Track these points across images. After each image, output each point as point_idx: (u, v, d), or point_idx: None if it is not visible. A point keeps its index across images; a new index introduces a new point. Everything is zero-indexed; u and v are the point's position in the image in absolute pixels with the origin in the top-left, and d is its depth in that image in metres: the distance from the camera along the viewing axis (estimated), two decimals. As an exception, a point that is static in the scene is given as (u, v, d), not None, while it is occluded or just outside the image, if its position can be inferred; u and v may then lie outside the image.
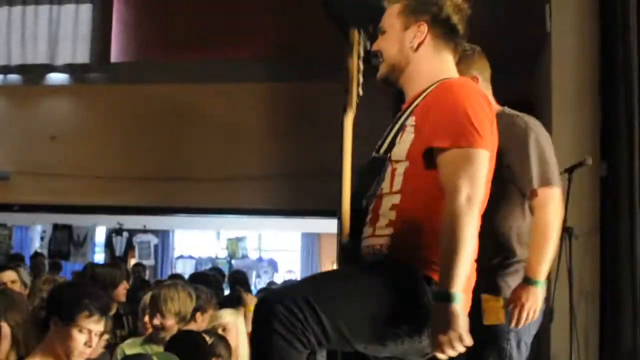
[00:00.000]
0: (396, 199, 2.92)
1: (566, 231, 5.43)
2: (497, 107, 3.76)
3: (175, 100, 10.85)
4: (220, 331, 5.41)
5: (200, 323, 5.57)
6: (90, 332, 3.93)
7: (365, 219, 3.02)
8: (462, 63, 3.41)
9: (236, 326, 5.58)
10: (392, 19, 3.15)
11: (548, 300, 4.17)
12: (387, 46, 3.14)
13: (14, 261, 12.04)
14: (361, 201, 3.04)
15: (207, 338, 4.79)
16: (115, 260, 16.10)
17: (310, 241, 17.94)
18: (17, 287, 6.42)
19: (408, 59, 3.10)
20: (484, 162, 2.87)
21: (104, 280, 7.13)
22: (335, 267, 3.43)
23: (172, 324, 5.31)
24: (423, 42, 3.07)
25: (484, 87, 3.90)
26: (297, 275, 17.48)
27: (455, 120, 2.83)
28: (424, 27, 3.07)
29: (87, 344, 3.95)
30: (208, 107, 10.77)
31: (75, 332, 3.89)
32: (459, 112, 2.83)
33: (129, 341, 5.69)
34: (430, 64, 3.09)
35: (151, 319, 5.42)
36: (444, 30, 3.09)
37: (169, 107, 10.84)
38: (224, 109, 10.74)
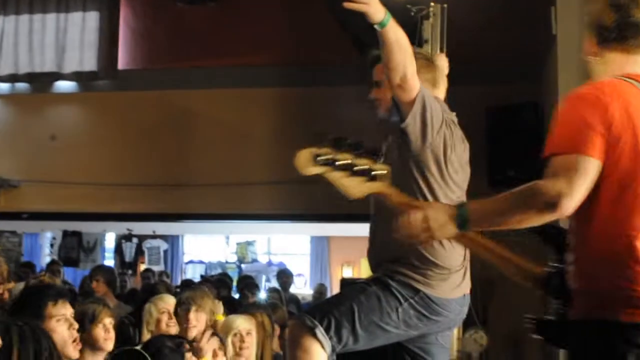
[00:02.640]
0: None
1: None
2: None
3: (183, 107, 10.87)
4: (238, 337, 5.47)
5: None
6: (66, 318, 3.99)
7: None
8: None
9: (252, 333, 5.63)
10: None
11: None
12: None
13: (24, 269, 12.08)
14: None
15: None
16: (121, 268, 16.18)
17: (320, 244, 17.93)
18: None
19: None
20: None
21: None
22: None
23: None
24: None
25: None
26: (307, 279, 17.51)
27: None
28: None
29: (73, 328, 4.00)
30: (216, 113, 10.79)
31: (54, 325, 3.94)
32: None
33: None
34: None
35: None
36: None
37: (177, 114, 10.86)
38: (231, 114, 10.77)
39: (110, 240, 17.53)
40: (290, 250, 18.45)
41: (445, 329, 4.02)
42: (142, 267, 17.00)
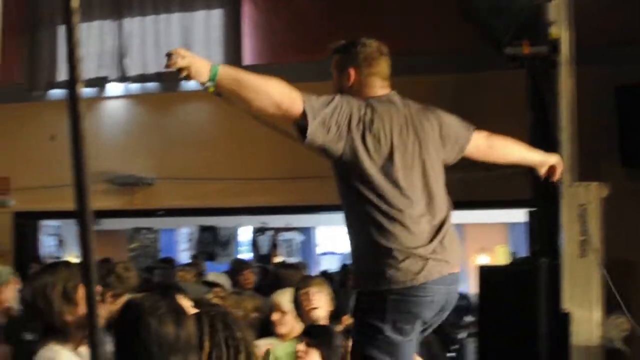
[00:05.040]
0: None
1: None
2: None
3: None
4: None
5: None
6: None
7: None
8: None
9: None
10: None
11: None
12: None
13: (162, 264, 12.35)
14: None
15: None
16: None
17: (456, 232, 17.73)
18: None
19: None
20: None
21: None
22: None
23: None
24: None
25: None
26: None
27: None
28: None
29: None
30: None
31: None
32: None
33: (271, 340, 5.77)
34: None
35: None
36: None
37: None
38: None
39: (244, 234, 17.75)
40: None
41: (439, 312, 3.93)
42: (277, 259, 17.15)
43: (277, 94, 3.67)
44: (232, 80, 3.61)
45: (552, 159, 4.54)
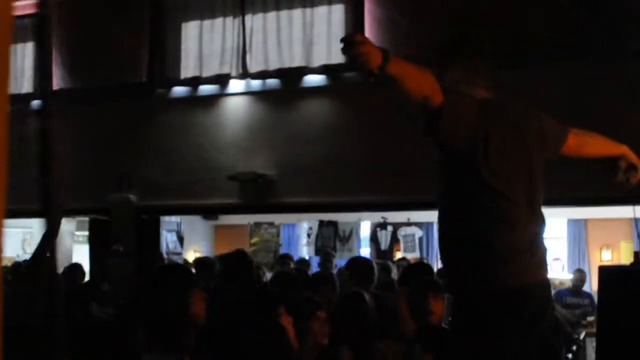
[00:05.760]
0: None
1: None
2: None
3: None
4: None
5: None
6: None
7: None
8: None
9: None
10: None
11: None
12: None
13: (281, 261, 12.39)
14: None
15: None
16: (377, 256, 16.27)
17: (577, 227, 17.37)
18: None
19: None
20: None
21: None
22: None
23: None
24: None
25: None
26: (564, 263, 17.00)
27: None
28: None
29: None
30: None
31: None
32: None
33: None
34: None
35: None
36: None
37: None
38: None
39: (365, 229, 17.73)
40: (547, 234, 17.94)
41: None
42: (398, 254, 17.08)
43: (429, 88, 3.67)
44: (399, 68, 3.56)
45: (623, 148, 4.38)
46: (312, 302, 5.39)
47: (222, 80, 11.95)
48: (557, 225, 17.42)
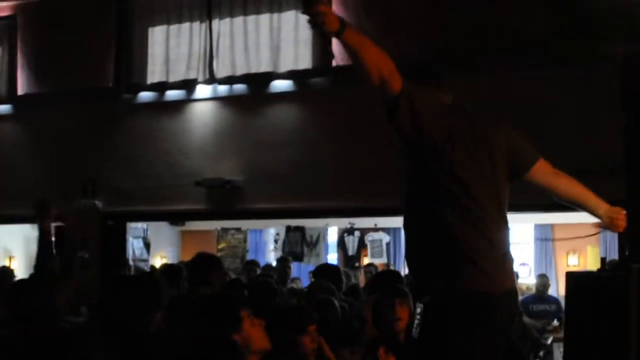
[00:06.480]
0: None
1: None
2: None
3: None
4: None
5: None
6: None
7: None
8: None
9: None
10: None
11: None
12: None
13: (248, 267, 12.37)
14: None
15: None
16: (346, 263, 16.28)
17: (544, 232, 17.46)
18: None
19: None
20: None
21: None
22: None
23: None
24: None
25: None
26: (531, 268, 17.09)
27: None
28: None
29: None
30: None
31: None
32: None
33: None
34: None
35: None
36: None
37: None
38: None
39: (332, 235, 17.73)
40: (513, 239, 18.03)
41: None
42: (365, 260, 17.10)
43: (387, 67, 3.71)
44: (357, 38, 3.65)
45: (603, 208, 4.37)
46: (305, 314, 5.24)
47: (189, 85, 11.84)
48: (524, 230, 17.51)
